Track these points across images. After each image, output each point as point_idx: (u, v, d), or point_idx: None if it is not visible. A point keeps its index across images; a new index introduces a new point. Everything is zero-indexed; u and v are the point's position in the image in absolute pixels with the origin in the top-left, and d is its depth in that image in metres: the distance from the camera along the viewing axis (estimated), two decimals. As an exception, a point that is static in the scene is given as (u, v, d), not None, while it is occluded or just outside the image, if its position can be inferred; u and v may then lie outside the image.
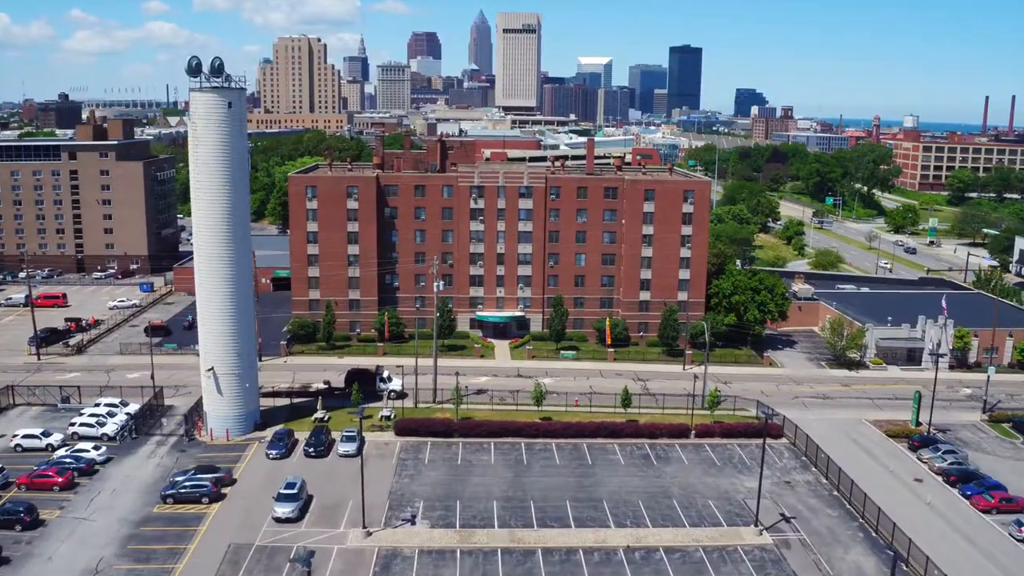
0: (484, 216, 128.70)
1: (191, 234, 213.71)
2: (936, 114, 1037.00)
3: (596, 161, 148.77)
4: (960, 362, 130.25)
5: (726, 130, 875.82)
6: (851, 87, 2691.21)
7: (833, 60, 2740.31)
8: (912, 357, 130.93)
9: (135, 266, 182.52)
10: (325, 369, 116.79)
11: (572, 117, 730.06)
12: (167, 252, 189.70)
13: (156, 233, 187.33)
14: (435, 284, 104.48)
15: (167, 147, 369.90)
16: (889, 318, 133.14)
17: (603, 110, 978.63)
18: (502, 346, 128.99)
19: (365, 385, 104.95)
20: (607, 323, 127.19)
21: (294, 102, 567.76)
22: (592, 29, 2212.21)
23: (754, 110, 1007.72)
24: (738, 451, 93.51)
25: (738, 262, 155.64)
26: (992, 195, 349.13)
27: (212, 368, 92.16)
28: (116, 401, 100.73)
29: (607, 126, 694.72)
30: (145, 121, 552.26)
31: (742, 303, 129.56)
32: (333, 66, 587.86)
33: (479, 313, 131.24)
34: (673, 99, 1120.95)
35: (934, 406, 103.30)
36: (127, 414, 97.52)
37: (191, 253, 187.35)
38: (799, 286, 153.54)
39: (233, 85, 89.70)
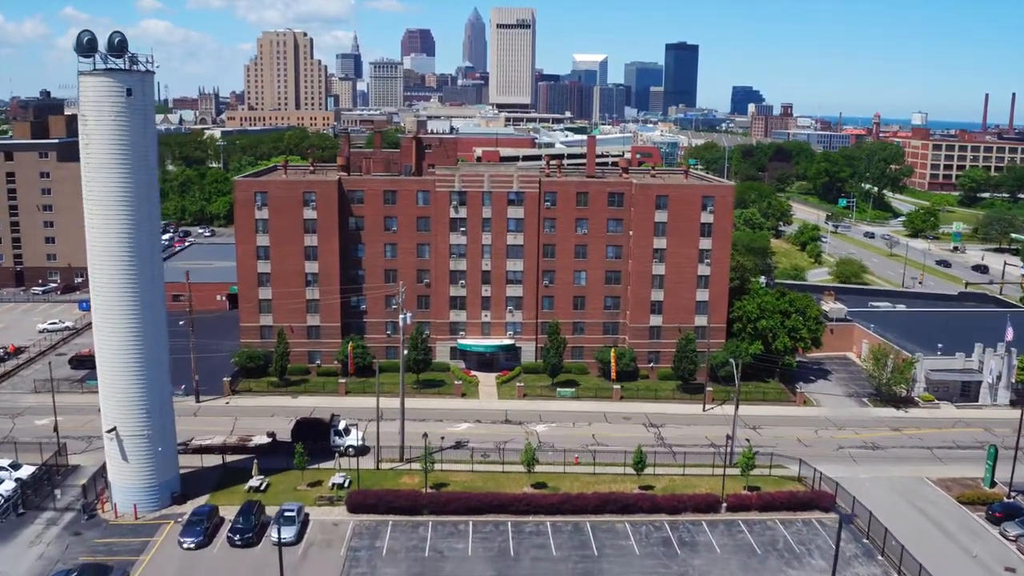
0: (466, 227, 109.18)
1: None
2: (935, 112, 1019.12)
3: (596, 161, 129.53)
4: (1021, 396, 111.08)
5: (724, 127, 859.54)
6: (848, 85, 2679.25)
7: (830, 58, 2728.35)
8: (967, 392, 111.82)
9: (80, 279, 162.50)
10: (273, 414, 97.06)
11: (568, 115, 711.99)
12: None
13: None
14: (401, 316, 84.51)
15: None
16: (940, 346, 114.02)
17: (599, 108, 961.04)
18: (488, 381, 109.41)
19: (317, 439, 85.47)
20: (612, 354, 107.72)
21: (279, 99, 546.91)
22: (587, 26, 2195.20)
23: (751, 108, 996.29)
24: (782, 531, 73.97)
25: (762, 278, 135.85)
26: (1005, 195, 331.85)
27: (114, 428, 72.55)
28: (5, 463, 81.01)
29: (603, 124, 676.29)
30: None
31: (770, 329, 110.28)
32: (320, 62, 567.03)
33: (460, 341, 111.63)
34: (669, 97, 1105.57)
35: (1002, 457, 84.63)
36: (17, 480, 77.87)
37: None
38: (830, 305, 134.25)
39: (139, 67, 69.99)
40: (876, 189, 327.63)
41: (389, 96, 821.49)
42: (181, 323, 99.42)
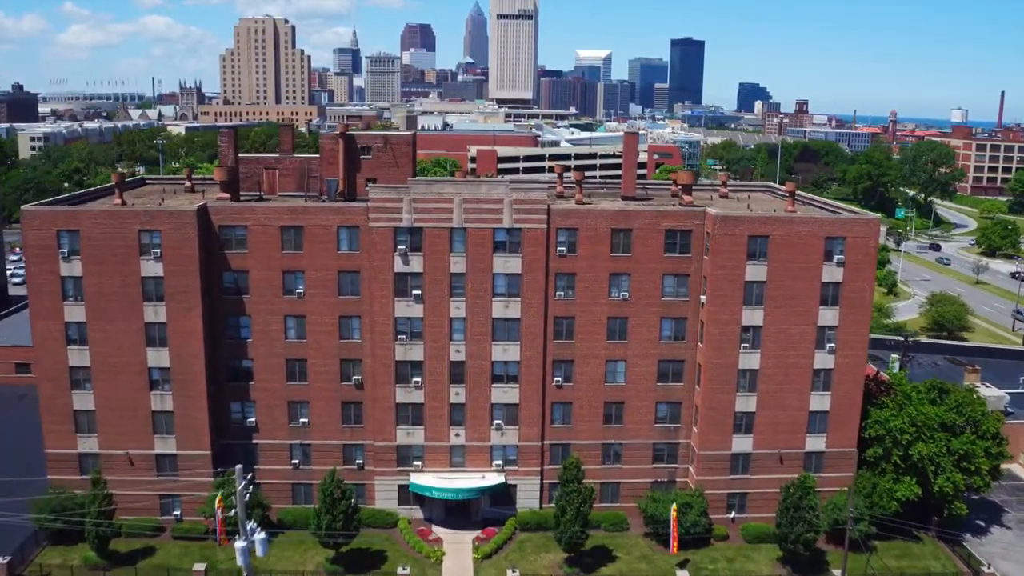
0: (422, 288, 64.93)
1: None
2: (941, 110, 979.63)
3: (603, 162, 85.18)
4: None
5: (734, 125, 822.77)
6: (855, 83, 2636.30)
7: (836, 55, 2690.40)
8: None
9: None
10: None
11: (572, 111, 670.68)
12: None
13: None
14: (239, 545, 39.04)
15: (108, 144, 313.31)
16: None
17: (602, 104, 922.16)
18: (460, 550, 64.80)
19: None
20: (672, 512, 62.82)
21: (258, 92, 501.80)
22: (591, 22, 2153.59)
23: (758, 105, 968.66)
24: None
25: (894, 359, 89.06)
26: None
27: None
28: None
29: (608, 121, 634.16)
30: (105, 114, 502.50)
31: (931, 458, 66.10)
32: (302, 52, 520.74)
33: (415, 479, 67.15)
34: (674, 93, 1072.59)
35: None
36: None
37: (24, 301, 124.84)
38: (978, 387, 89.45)
39: None
40: (924, 195, 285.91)
41: (386, 91, 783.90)
42: None
